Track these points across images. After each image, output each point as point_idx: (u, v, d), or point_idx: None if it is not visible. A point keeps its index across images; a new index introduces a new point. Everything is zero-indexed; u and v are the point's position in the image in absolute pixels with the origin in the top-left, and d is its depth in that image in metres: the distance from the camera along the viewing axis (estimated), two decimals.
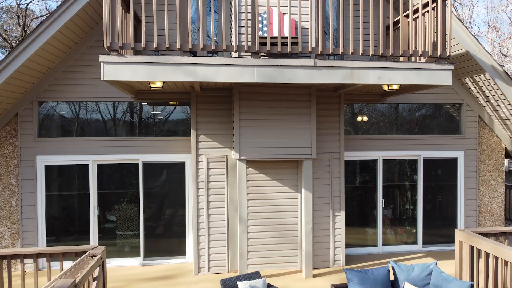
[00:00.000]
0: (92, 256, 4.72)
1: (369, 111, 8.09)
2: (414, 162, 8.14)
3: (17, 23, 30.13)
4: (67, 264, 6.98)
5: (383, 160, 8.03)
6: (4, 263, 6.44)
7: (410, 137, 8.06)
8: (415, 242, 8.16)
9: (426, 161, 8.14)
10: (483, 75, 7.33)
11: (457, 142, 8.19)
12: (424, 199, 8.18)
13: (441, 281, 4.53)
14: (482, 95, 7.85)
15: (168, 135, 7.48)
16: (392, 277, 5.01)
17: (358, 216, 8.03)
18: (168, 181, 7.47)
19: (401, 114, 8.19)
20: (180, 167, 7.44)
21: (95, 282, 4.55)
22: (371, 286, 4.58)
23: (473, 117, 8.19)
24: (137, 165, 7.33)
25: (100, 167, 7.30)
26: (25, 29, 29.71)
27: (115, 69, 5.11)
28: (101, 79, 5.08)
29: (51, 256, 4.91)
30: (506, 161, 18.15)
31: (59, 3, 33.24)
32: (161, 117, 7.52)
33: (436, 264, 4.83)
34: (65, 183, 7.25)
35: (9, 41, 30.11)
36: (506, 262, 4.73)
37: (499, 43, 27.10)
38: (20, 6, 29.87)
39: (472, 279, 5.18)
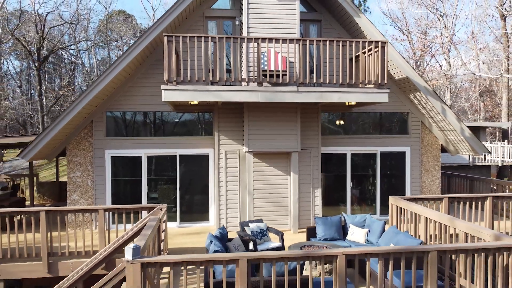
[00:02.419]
0: (160, 209, 7.73)
1: (342, 117, 11.10)
2: (373, 155, 11.15)
3: (34, 31, 32.93)
4: (128, 226, 9.95)
5: (351, 154, 11.04)
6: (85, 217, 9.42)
7: (371, 137, 11.08)
8: (374, 213, 11.18)
9: (383, 154, 11.16)
10: (420, 92, 10.34)
11: (405, 140, 11.21)
12: (381, 182, 11.20)
13: (371, 222, 7.56)
14: (422, 106, 10.87)
15: (196, 134, 10.49)
16: (343, 223, 7.99)
17: (333, 196, 11.04)
18: (196, 169, 10.48)
19: (364, 120, 11.21)
20: (205, 158, 10.46)
21: (164, 223, 7.58)
22: (329, 226, 7.60)
23: (417, 122, 11.21)
24: (175, 156, 10.35)
25: (148, 158, 10.31)
26: (43, 36, 32.53)
27: (171, 94, 8.11)
28: (163, 100, 8.08)
29: (133, 210, 7.90)
30: (471, 156, 21.13)
31: (72, 13, 36.18)
32: (191, 122, 10.53)
33: (370, 214, 7.84)
34: (123, 169, 10.26)
35: (28, 48, 32.92)
36: (411, 211, 7.78)
37: (477, 52, 30.28)
38: (40, 15, 32.72)
39: (397, 224, 8.21)
